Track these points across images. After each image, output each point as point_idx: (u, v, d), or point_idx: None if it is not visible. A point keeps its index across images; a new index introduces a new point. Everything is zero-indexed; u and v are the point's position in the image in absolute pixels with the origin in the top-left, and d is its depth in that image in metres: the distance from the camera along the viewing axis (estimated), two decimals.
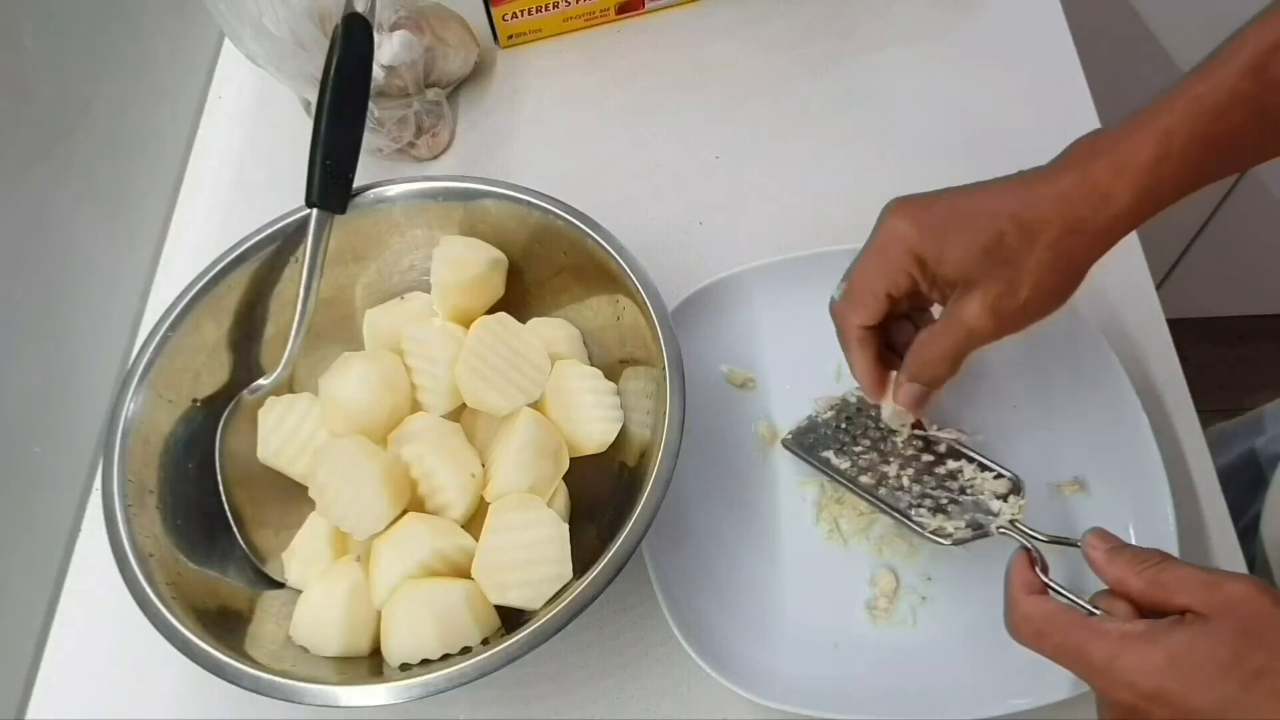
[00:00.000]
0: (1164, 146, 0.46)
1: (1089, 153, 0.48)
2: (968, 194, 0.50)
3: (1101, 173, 0.47)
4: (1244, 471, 0.72)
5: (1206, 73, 0.47)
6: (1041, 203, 0.48)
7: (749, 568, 0.59)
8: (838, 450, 0.59)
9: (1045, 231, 0.47)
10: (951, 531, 0.53)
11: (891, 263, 0.50)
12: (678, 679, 0.56)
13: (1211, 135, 0.46)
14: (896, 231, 0.50)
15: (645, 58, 0.82)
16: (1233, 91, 0.46)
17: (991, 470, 0.55)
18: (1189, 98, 0.46)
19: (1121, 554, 0.43)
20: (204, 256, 0.61)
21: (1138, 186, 0.47)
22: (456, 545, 0.53)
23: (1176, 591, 0.41)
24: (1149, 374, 0.63)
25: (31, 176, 0.64)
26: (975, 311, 0.49)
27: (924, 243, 0.49)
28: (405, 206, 0.63)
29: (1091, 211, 0.47)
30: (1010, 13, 0.81)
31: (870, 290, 0.51)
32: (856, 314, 0.52)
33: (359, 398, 0.57)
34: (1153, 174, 0.46)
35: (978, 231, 0.48)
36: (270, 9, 0.66)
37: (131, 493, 0.54)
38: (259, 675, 0.48)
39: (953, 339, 0.50)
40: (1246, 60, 0.46)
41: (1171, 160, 0.46)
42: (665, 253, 0.70)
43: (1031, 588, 0.45)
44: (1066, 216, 0.47)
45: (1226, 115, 0.46)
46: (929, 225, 0.49)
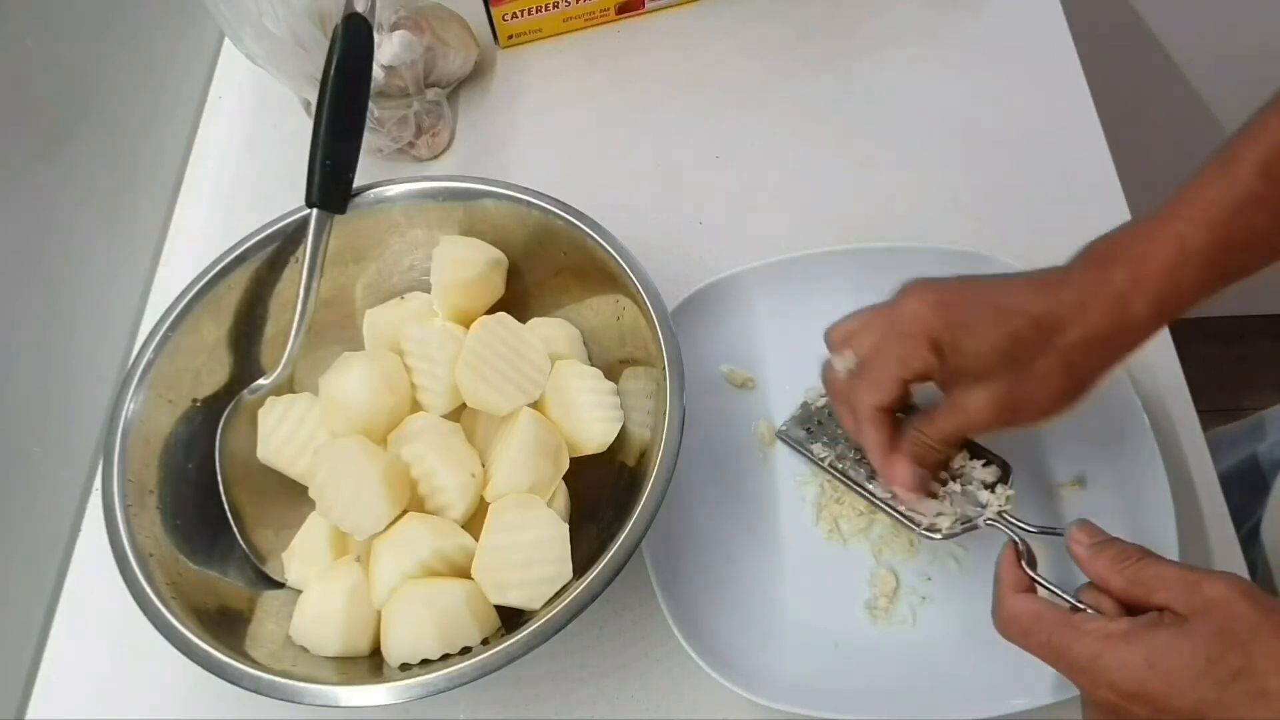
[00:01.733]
0: (1179, 253, 0.46)
1: (1105, 257, 0.48)
2: (990, 288, 0.50)
3: (1120, 281, 0.47)
4: (1246, 477, 0.72)
5: (1219, 172, 0.46)
6: (1062, 308, 0.48)
7: (749, 568, 0.59)
8: (829, 440, 0.59)
9: (1062, 336, 0.48)
10: (941, 526, 0.54)
11: (914, 349, 0.50)
12: (678, 679, 0.56)
13: (1227, 240, 0.46)
14: (920, 318, 0.50)
15: (645, 58, 0.82)
16: (1247, 195, 0.45)
17: (981, 456, 0.55)
18: (1203, 201, 0.46)
19: (1104, 551, 0.44)
20: (204, 256, 0.61)
21: (1156, 294, 0.46)
22: (456, 545, 0.53)
23: (1157, 589, 0.41)
24: (1149, 374, 0.63)
25: (31, 176, 0.64)
26: (978, 403, 0.50)
27: (945, 333, 0.49)
28: (405, 206, 0.63)
29: (1110, 320, 0.47)
30: (1010, 13, 0.81)
31: (889, 373, 0.51)
32: (873, 396, 0.52)
33: (359, 398, 0.57)
34: (1169, 280, 0.46)
35: (997, 328, 0.48)
36: (270, 9, 0.66)
37: (131, 493, 0.54)
38: (259, 675, 0.48)
39: (952, 424, 0.51)
40: (1259, 160, 0.45)
41: (1188, 267, 0.46)
42: (665, 253, 0.70)
43: (1019, 584, 0.46)
44: (1085, 324, 0.47)
45: (1241, 218, 0.45)
46: (951, 315, 0.49)
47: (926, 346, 0.49)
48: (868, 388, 0.52)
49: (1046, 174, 0.72)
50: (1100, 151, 0.72)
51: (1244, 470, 0.72)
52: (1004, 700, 0.52)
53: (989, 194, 0.72)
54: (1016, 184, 0.72)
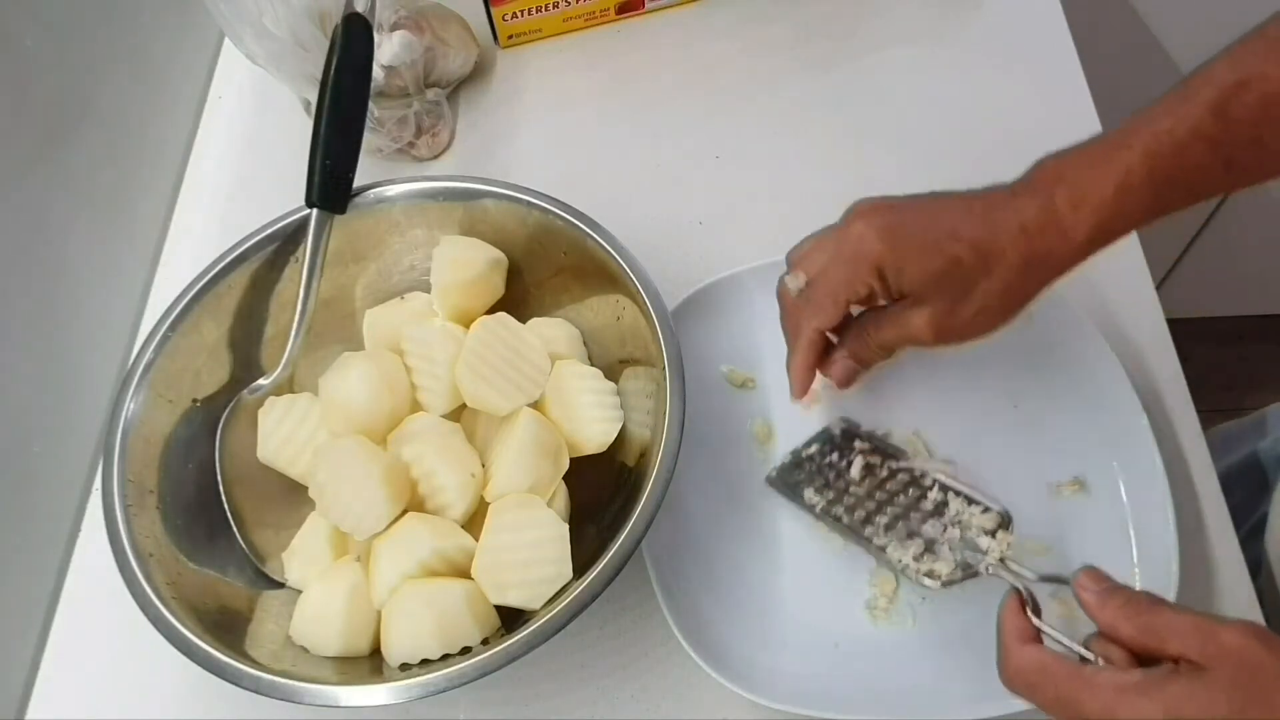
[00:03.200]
0: (1124, 181, 0.47)
1: (1052, 178, 0.49)
2: (934, 210, 0.51)
3: (1062, 204, 0.48)
4: (1247, 474, 0.72)
5: (1170, 107, 0.47)
6: (1001, 233, 0.49)
7: (749, 568, 0.58)
8: (821, 486, 0.59)
9: (1000, 263, 0.49)
10: (941, 573, 0.53)
11: (857, 273, 0.51)
12: (678, 679, 0.56)
13: (1171, 171, 0.47)
14: (865, 244, 0.51)
15: (645, 58, 0.82)
16: (1194, 130, 0.46)
17: (979, 504, 0.55)
18: (1151, 132, 0.47)
19: (1113, 598, 0.42)
20: (204, 256, 0.61)
21: (1096, 220, 0.47)
22: (456, 545, 0.53)
23: (1170, 639, 0.40)
24: (1149, 374, 0.63)
25: (31, 177, 0.64)
26: (919, 324, 0.51)
27: (889, 258, 0.50)
28: (405, 206, 0.63)
29: (1049, 246, 0.48)
30: (1010, 13, 0.81)
31: (833, 297, 0.52)
32: (817, 318, 0.53)
33: (359, 398, 0.57)
34: (1111, 208, 0.47)
35: (938, 253, 0.49)
36: (270, 9, 0.66)
37: (131, 493, 0.54)
38: (259, 675, 0.48)
39: (893, 334, 0.53)
40: (1210, 98, 0.46)
41: (1131, 195, 0.47)
42: (665, 253, 0.70)
43: (1024, 635, 0.44)
44: (1024, 251, 0.48)
45: (1186, 153, 0.46)
46: (895, 239, 0.50)
47: (870, 272, 0.51)
48: (812, 310, 0.53)
49: None
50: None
51: (1245, 467, 0.72)
52: (1004, 700, 0.52)
53: None
54: None
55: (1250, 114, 0.45)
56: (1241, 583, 0.57)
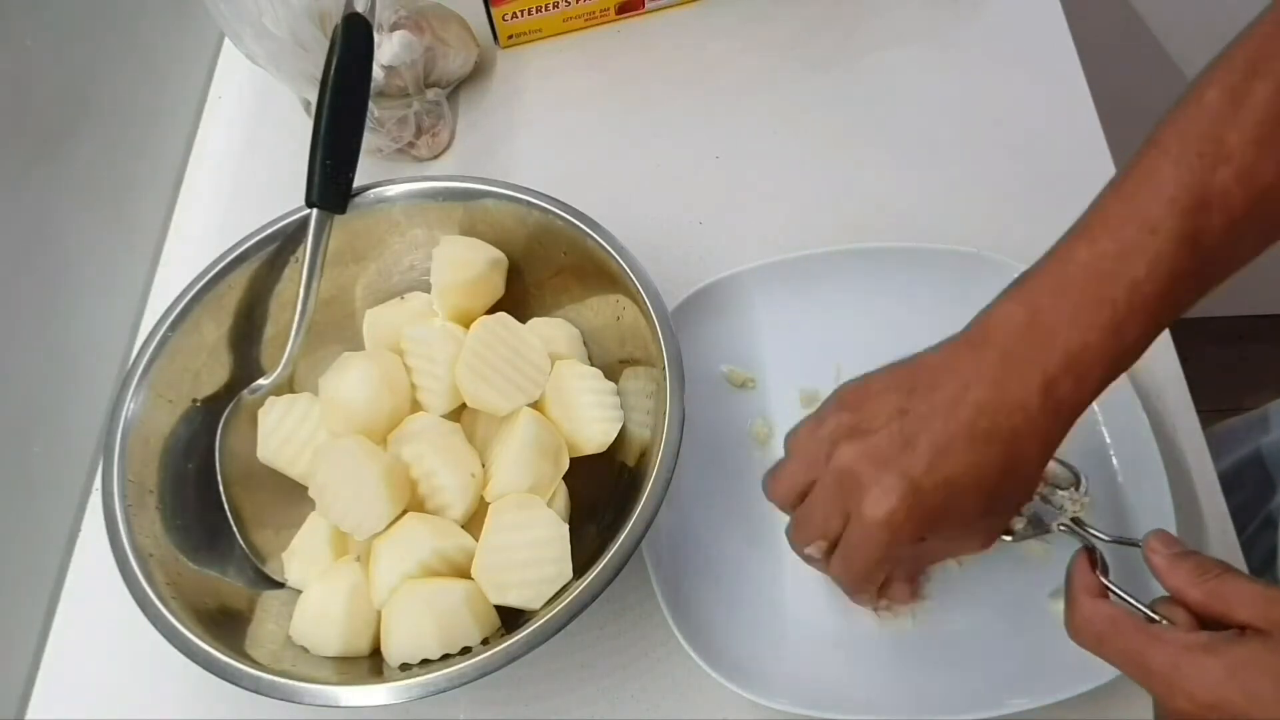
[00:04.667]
0: (1120, 345, 0.44)
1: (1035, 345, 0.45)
2: (936, 439, 0.45)
3: (1066, 386, 0.44)
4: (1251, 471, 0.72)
5: (1136, 241, 0.43)
6: (1020, 440, 0.45)
7: (749, 567, 0.58)
8: None
9: (1032, 467, 0.46)
10: (1015, 528, 0.53)
11: (895, 551, 0.47)
12: (678, 679, 0.56)
13: (1158, 319, 0.44)
14: (900, 529, 0.46)
15: (645, 58, 0.82)
16: (1173, 274, 0.43)
17: (1054, 461, 0.53)
18: (1130, 281, 0.43)
19: (1183, 562, 0.43)
20: (204, 256, 0.61)
21: (1099, 388, 0.45)
22: (456, 545, 0.53)
23: (1237, 605, 0.40)
24: (1149, 374, 0.63)
25: (31, 177, 0.64)
26: (977, 547, 0.50)
27: (927, 528, 0.46)
28: (405, 206, 0.63)
29: (1062, 428, 0.46)
30: (1010, 13, 0.81)
31: (880, 568, 0.49)
32: (871, 585, 0.52)
33: (359, 398, 0.57)
34: (1112, 373, 0.45)
35: (977, 499, 0.46)
36: (270, 9, 0.66)
37: (131, 493, 0.54)
38: (259, 675, 0.48)
39: (946, 555, 0.53)
40: (1179, 233, 0.43)
41: (1127, 357, 0.45)
42: (665, 253, 0.70)
43: (1093, 590, 0.44)
44: (1044, 445, 0.46)
45: (1169, 296, 0.44)
46: (927, 513, 0.46)
47: (911, 543, 0.47)
48: (861, 583, 0.51)
49: (1046, 174, 0.72)
50: (1100, 151, 0.72)
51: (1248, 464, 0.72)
52: (1004, 700, 0.52)
53: (989, 194, 0.72)
54: (1016, 184, 0.72)
55: (1221, 238, 0.43)
56: None
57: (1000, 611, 0.56)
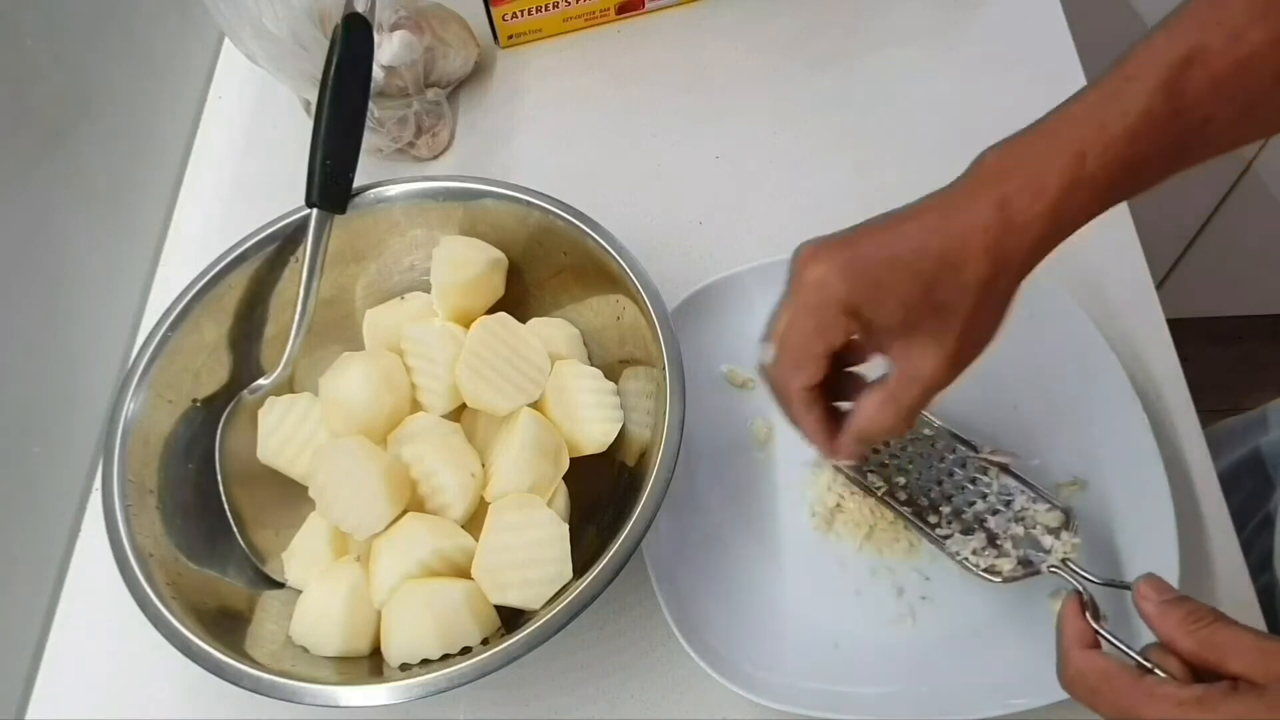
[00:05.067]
0: (1077, 173, 0.44)
1: (999, 172, 0.46)
2: (888, 233, 0.47)
3: (1018, 199, 0.45)
4: (1250, 470, 0.72)
5: (1115, 89, 0.45)
6: (966, 237, 0.45)
7: (749, 567, 0.59)
8: (883, 471, 0.58)
9: (975, 271, 0.45)
10: (1003, 570, 0.53)
11: (826, 319, 0.47)
12: (678, 679, 0.56)
13: (1124, 159, 0.44)
14: (826, 286, 0.46)
15: (645, 58, 0.82)
16: (1146, 114, 0.44)
17: (1044, 501, 0.55)
18: (1100, 119, 0.44)
19: (1174, 610, 0.42)
20: (204, 256, 0.61)
21: (1053, 214, 0.45)
22: (456, 545, 0.53)
23: (1231, 656, 0.39)
24: (1149, 374, 0.63)
25: (31, 176, 0.64)
26: (933, 365, 0.47)
27: (857, 294, 0.46)
28: (405, 206, 0.63)
29: (1013, 243, 0.45)
30: (1010, 13, 0.81)
31: (807, 351, 0.48)
32: (797, 377, 0.49)
33: (359, 398, 0.57)
34: (1067, 200, 0.45)
35: (910, 279, 0.46)
36: (270, 9, 0.66)
37: (131, 493, 0.54)
38: (259, 675, 0.48)
39: (913, 394, 0.48)
40: (1158, 79, 0.43)
41: (1084, 187, 0.44)
42: (665, 253, 0.70)
43: (1084, 639, 0.44)
44: (991, 251, 0.45)
45: (1140, 138, 0.44)
46: (858, 274, 0.46)
47: (842, 313, 0.47)
48: (791, 370, 0.49)
49: None
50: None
51: (1247, 463, 0.72)
52: (1004, 700, 0.52)
53: None
54: None
55: (1200, 93, 0.43)
56: (1241, 582, 0.57)
57: (1000, 611, 0.56)
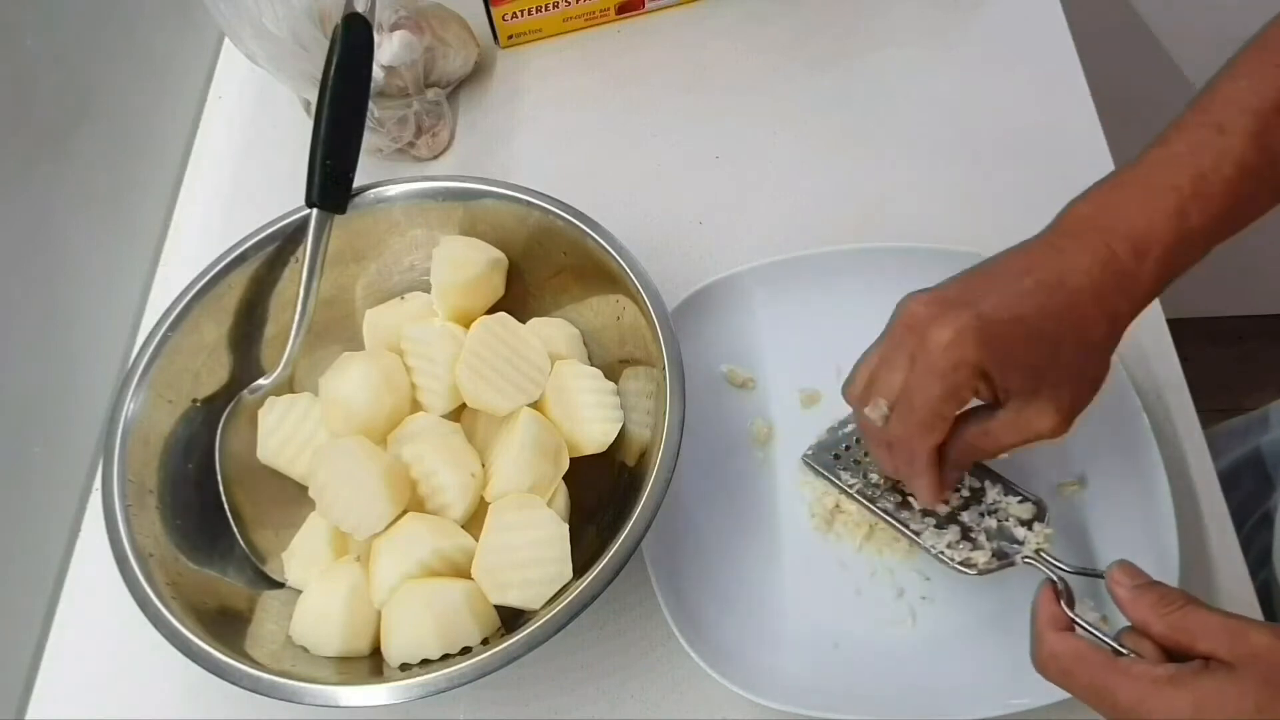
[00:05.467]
0: (1181, 228, 0.46)
1: (1098, 227, 0.47)
2: (1008, 291, 0.47)
3: (1125, 256, 0.46)
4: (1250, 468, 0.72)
5: (1205, 140, 0.46)
6: (1082, 299, 0.47)
7: (749, 567, 0.58)
8: (856, 468, 0.58)
9: (1093, 330, 0.47)
10: (978, 562, 0.53)
11: (958, 384, 0.47)
12: (678, 679, 0.56)
13: (1223, 211, 0.46)
14: (961, 351, 0.46)
15: (645, 58, 0.82)
16: (1239, 166, 0.45)
17: (1016, 494, 0.55)
18: (1195, 172, 0.45)
19: (1146, 594, 0.43)
20: (204, 256, 0.61)
21: (1160, 269, 0.46)
22: (456, 545, 0.53)
23: (1200, 637, 0.40)
24: (1149, 374, 0.63)
25: (31, 176, 0.64)
26: (1047, 421, 0.48)
27: (992, 364, 0.47)
28: (405, 206, 0.63)
29: (1125, 302, 0.47)
30: (1010, 13, 0.81)
31: (939, 414, 0.48)
32: (928, 440, 0.49)
33: (359, 398, 0.57)
34: (1174, 254, 0.46)
35: (1039, 343, 0.47)
36: (270, 9, 0.66)
37: (131, 493, 0.54)
38: (259, 675, 0.48)
39: (1015, 438, 0.50)
40: (1248, 130, 0.45)
41: (1188, 241, 0.46)
42: (665, 253, 0.70)
43: (1058, 623, 0.45)
44: (1108, 312, 0.47)
45: (1236, 189, 0.45)
46: (989, 339, 0.46)
47: (973, 378, 0.47)
48: (920, 432, 0.49)
49: (1046, 174, 0.71)
50: (1100, 151, 0.72)
51: (1248, 462, 0.72)
52: (1004, 700, 0.52)
53: (989, 194, 0.72)
54: (1016, 184, 0.72)
55: None
56: (1241, 582, 0.57)
57: (1000, 612, 0.56)
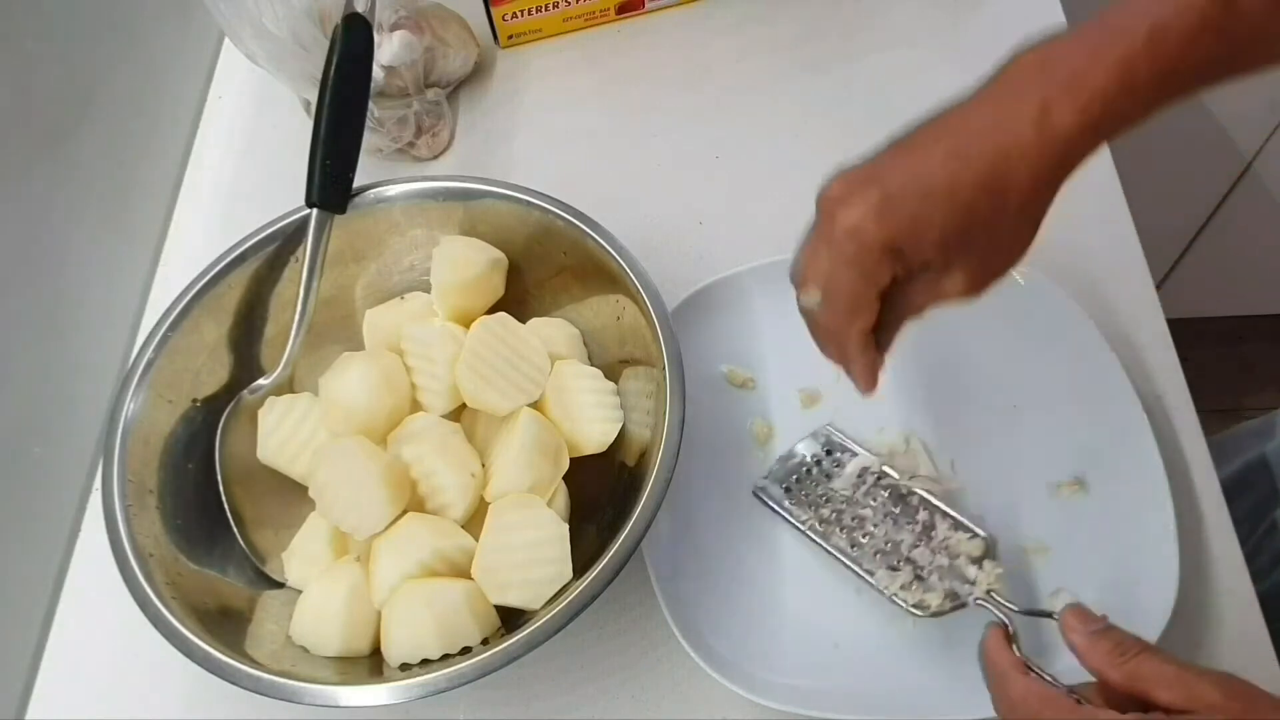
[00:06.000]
0: (1127, 74, 0.42)
1: (1039, 75, 0.44)
2: (918, 160, 0.45)
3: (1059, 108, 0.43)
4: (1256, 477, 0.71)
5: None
6: (1004, 158, 0.43)
7: (749, 568, 0.59)
8: (808, 501, 0.59)
9: (1016, 195, 0.44)
10: (931, 604, 0.53)
11: (869, 266, 0.45)
12: (678, 679, 0.56)
13: (1177, 63, 0.42)
14: (863, 231, 0.45)
15: (645, 58, 0.82)
16: (1201, 20, 0.42)
17: (965, 530, 0.55)
18: (1152, 22, 0.42)
19: (1102, 641, 0.42)
20: (204, 256, 0.61)
21: (1098, 124, 0.43)
22: (456, 545, 0.53)
23: (1158, 687, 0.40)
24: (1149, 374, 0.63)
25: (31, 176, 0.64)
26: (957, 288, 0.46)
27: (895, 236, 0.44)
28: (405, 206, 0.63)
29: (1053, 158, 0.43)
30: (1010, 13, 0.81)
31: (859, 298, 0.47)
32: (854, 322, 0.48)
33: (359, 398, 0.57)
34: (1113, 109, 0.43)
35: (949, 211, 0.44)
36: (270, 9, 0.66)
37: (131, 493, 0.54)
38: (259, 675, 0.48)
39: (929, 300, 0.48)
40: None
41: (1135, 89, 0.43)
42: (665, 253, 0.70)
43: (1019, 666, 0.44)
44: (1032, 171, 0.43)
45: (1193, 44, 0.42)
46: (895, 215, 0.44)
47: (884, 258, 0.45)
48: (846, 318, 0.48)
49: None
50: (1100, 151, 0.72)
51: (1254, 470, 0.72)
52: None
53: None
54: None
55: (1258, 5, 0.42)
56: (1241, 580, 0.57)
57: None
